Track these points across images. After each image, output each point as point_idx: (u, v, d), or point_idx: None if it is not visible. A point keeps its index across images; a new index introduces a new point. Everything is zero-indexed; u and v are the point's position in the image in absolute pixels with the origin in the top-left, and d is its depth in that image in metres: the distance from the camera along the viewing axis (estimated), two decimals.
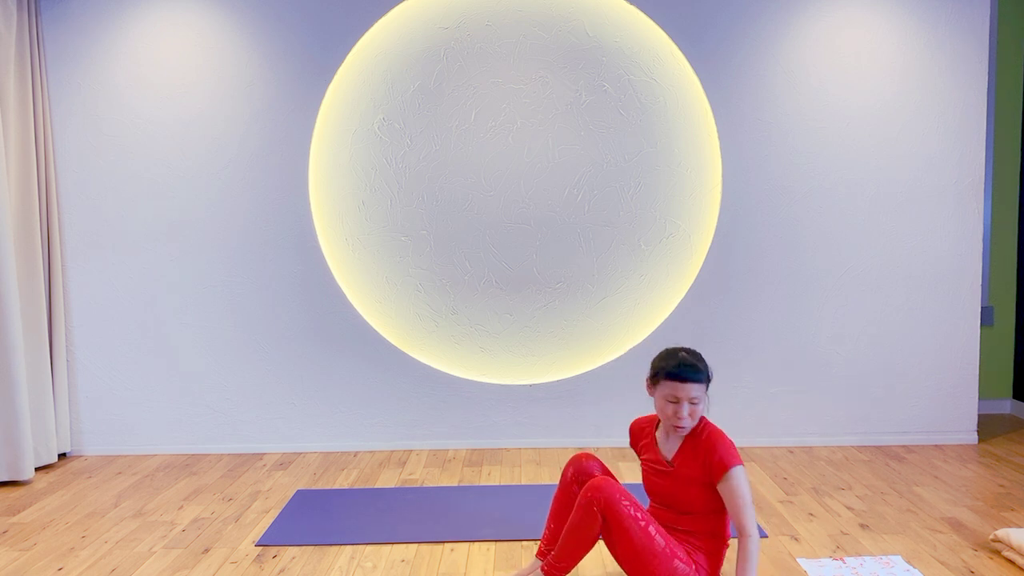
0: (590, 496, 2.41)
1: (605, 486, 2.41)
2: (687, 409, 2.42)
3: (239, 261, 4.36)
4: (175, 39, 4.28)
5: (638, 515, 2.40)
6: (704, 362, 2.48)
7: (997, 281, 5.02)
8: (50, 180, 4.24)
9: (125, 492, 3.81)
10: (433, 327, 4.45)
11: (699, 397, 2.43)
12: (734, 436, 4.39)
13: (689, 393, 2.42)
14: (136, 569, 2.95)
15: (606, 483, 2.42)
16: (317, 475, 4.03)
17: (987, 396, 5.05)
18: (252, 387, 4.41)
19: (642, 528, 2.39)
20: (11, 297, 3.87)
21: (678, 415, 2.43)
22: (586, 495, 2.42)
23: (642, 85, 4.33)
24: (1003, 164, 4.97)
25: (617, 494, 2.40)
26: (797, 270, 4.37)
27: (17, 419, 3.90)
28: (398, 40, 4.32)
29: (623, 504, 2.39)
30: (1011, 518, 3.35)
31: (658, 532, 2.41)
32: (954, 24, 4.28)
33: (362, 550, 3.08)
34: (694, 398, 2.42)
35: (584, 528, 2.42)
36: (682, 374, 2.42)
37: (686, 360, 2.44)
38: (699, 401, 2.43)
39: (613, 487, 2.41)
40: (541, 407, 4.44)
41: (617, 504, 2.39)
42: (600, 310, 4.43)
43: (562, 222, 4.38)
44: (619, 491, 2.41)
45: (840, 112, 4.31)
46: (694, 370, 2.43)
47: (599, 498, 2.39)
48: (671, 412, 2.44)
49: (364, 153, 4.36)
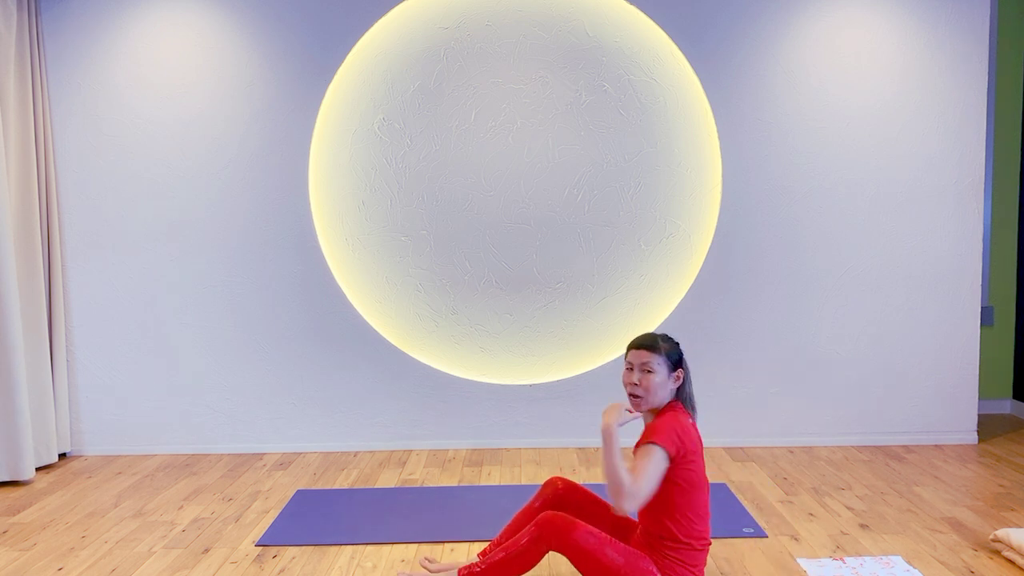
0: (540, 531, 2.48)
1: (554, 520, 2.48)
2: (637, 376, 2.53)
3: (239, 261, 4.36)
4: (175, 39, 4.28)
5: (591, 540, 2.46)
6: (669, 342, 2.57)
7: (997, 281, 5.02)
8: (50, 180, 4.24)
9: (125, 492, 3.81)
10: (433, 327, 4.45)
11: (651, 365, 2.52)
12: (734, 436, 4.42)
13: (640, 358, 2.53)
14: (136, 569, 2.95)
15: (556, 517, 2.49)
16: (317, 475, 4.03)
17: (987, 396, 5.05)
18: (252, 387, 4.41)
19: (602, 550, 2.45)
20: (11, 297, 3.87)
21: (630, 380, 2.55)
22: (537, 529, 2.48)
23: (642, 85, 4.33)
24: (1003, 164, 4.97)
25: (567, 526, 2.46)
26: (797, 270, 4.37)
27: (17, 419, 3.90)
28: (398, 40, 4.32)
29: (574, 536, 2.45)
30: (1011, 518, 3.35)
31: (616, 552, 2.46)
32: (954, 24, 4.28)
33: (362, 550, 3.09)
34: (645, 363, 2.52)
35: (526, 556, 2.49)
36: (637, 342, 2.58)
37: (646, 334, 2.60)
38: (652, 370, 2.51)
39: (562, 520, 2.48)
40: (541, 407, 4.44)
41: (568, 537, 2.45)
42: (600, 310, 4.43)
43: (562, 222, 4.38)
44: (569, 523, 2.47)
45: (840, 112, 4.31)
46: (649, 339, 2.56)
47: (548, 533, 2.46)
48: (625, 379, 2.57)
49: (364, 153, 4.36)
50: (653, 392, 2.52)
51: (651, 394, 2.52)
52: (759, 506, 3.52)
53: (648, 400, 2.53)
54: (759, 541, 3.14)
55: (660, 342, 2.55)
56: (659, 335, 2.58)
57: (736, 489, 3.74)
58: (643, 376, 2.53)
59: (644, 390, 2.52)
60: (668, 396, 2.55)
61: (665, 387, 2.53)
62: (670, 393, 2.55)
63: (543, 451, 4.40)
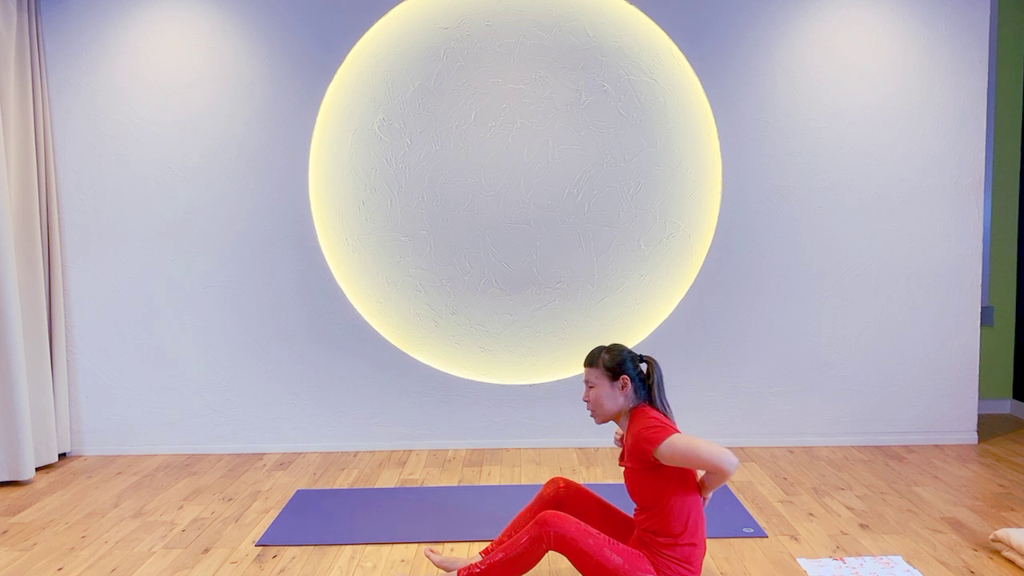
0: (540, 530, 2.48)
1: (553, 520, 2.49)
2: (585, 391, 2.64)
3: (239, 261, 4.36)
4: (175, 39, 4.28)
5: (590, 541, 2.46)
6: (611, 352, 2.60)
7: (997, 281, 5.02)
8: (50, 180, 4.24)
9: (125, 492, 3.81)
10: (433, 327, 4.45)
11: (591, 380, 2.60)
12: (734, 436, 4.43)
13: (584, 376, 2.65)
14: (136, 569, 2.95)
15: (555, 517, 2.50)
16: (317, 475, 4.03)
17: (987, 396, 5.05)
18: (252, 387, 4.41)
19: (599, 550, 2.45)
20: (11, 297, 3.87)
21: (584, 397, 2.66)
22: (536, 528, 2.49)
23: (642, 85, 4.33)
24: (1003, 164, 4.97)
25: (566, 526, 2.47)
26: (797, 270, 4.37)
27: (17, 419, 3.90)
28: (398, 40, 4.32)
29: (573, 536, 2.46)
30: (1011, 518, 3.35)
31: (615, 552, 2.46)
32: (954, 24, 4.28)
33: (362, 550, 3.09)
34: (587, 379, 2.63)
35: (526, 556, 2.49)
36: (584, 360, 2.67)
37: (593, 349, 2.67)
38: (593, 384, 2.60)
39: (562, 520, 2.49)
40: (541, 407, 4.44)
41: (566, 536, 2.46)
42: (600, 310, 4.43)
43: (562, 222, 4.38)
44: (568, 523, 2.48)
45: (840, 112, 4.31)
46: (589, 355, 2.65)
47: (548, 533, 2.47)
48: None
49: (364, 153, 4.36)
50: (600, 404, 2.59)
51: (599, 407, 2.60)
52: (759, 506, 3.52)
53: (600, 413, 2.61)
54: (759, 541, 3.14)
55: (599, 355, 2.61)
56: (604, 347, 2.63)
57: (736, 489, 3.74)
58: (588, 391, 2.62)
59: (592, 404, 2.61)
60: (626, 403, 2.59)
61: (613, 398, 2.58)
62: (627, 400, 2.58)
63: (543, 451, 4.40)
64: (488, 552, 2.70)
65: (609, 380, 2.57)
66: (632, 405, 2.59)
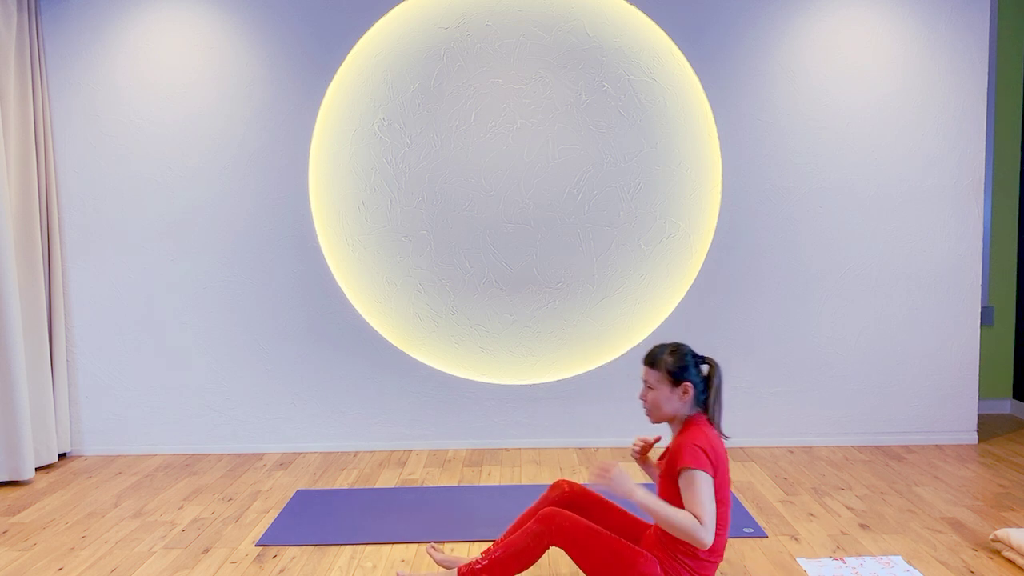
0: (541, 526, 2.47)
1: (555, 516, 2.47)
2: (643, 390, 2.53)
3: (239, 261, 4.36)
4: (175, 39, 4.28)
5: (592, 537, 2.44)
6: (675, 355, 2.48)
7: (997, 281, 5.02)
8: (50, 180, 4.24)
9: (125, 492, 3.81)
10: (433, 327, 4.45)
11: (651, 381, 2.50)
12: (734, 436, 4.42)
13: (643, 374, 2.53)
14: (136, 569, 2.95)
15: (557, 513, 2.48)
16: (317, 475, 4.03)
17: (987, 396, 5.05)
18: (252, 387, 4.41)
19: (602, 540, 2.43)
20: (11, 297, 3.87)
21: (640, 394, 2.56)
22: (538, 524, 2.48)
23: (642, 85, 4.33)
24: (1003, 164, 4.97)
25: (568, 520, 2.46)
26: (797, 270, 4.37)
27: (17, 419, 3.90)
28: (398, 40, 4.32)
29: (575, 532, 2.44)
30: (1011, 518, 3.35)
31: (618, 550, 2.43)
32: (954, 24, 4.28)
33: (362, 550, 3.08)
34: (645, 379, 2.52)
35: (527, 552, 2.48)
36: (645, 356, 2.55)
37: (655, 347, 2.55)
38: (652, 386, 2.49)
39: (564, 516, 2.47)
40: (541, 407, 4.44)
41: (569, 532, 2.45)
42: (600, 310, 4.43)
43: (562, 222, 4.38)
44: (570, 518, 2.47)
45: (840, 112, 4.31)
46: (650, 353, 2.53)
47: (549, 528, 2.46)
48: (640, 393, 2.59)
49: (364, 153, 4.36)
50: (658, 407, 2.49)
51: (657, 409, 2.49)
52: (759, 506, 3.52)
53: (656, 415, 2.50)
54: (759, 541, 3.14)
55: (661, 356, 2.48)
56: (666, 347, 2.50)
57: (736, 489, 3.74)
58: (646, 391, 2.51)
59: (649, 406, 2.51)
60: (685, 409, 2.48)
61: (671, 402, 2.47)
62: (686, 407, 2.47)
63: (543, 451, 4.39)
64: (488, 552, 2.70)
65: (670, 384, 2.45)
66: (690, 412, 2.48)
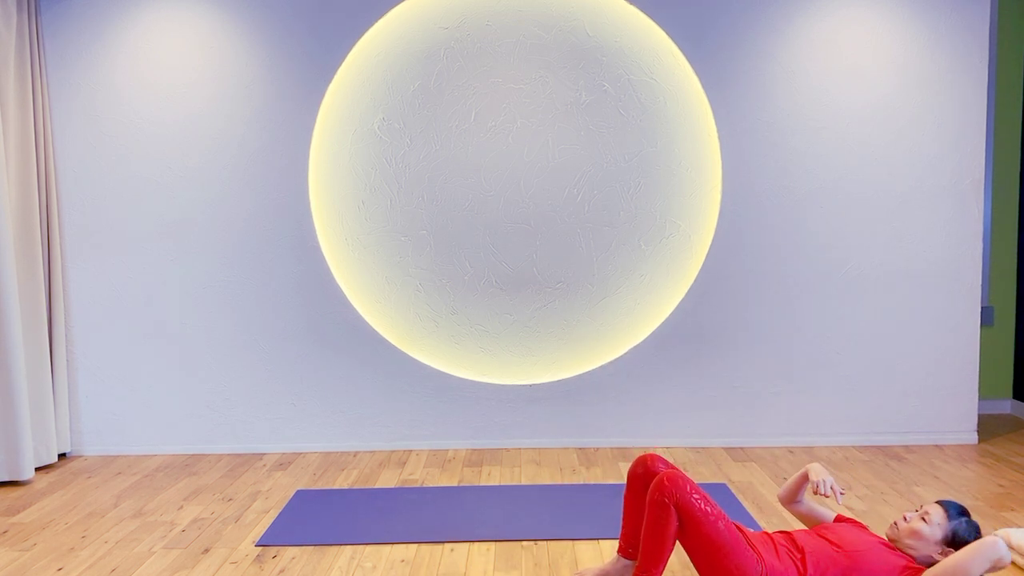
0: (661, 492, 2.38)
1: (675, 478, 2.39)
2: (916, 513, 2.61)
3: (239, 261, 4.36)
4: (175, 39, 4.28)
5: (708, 509, 2.37)
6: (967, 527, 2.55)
7: (997, 281, 5.02)
8: (50, 180, 4.24)
9: (125, 492, 3.81)
10: (433, 327, 4.45)
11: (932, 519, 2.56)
12: (734, 436, 4.42)
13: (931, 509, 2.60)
14: (136, 569, 2.95)
15: (675, 476, 2.40)
16: (317, 475, 4.03)
17: (987, 396, 5.05)
18: (252, 387, 4.41)
19: (712, 522, 2.36)
20: (11, 297, 3.87)
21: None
22: (656, 492, 2.39)
23: (642, 85, 4.33)
24: (1003, 164, 4.97)
25: (688, 488, 2.38)
26: (797, 270, 4.37)
27: (17, 419, 3.90)
28: (398, 40, 4.32)
29: (693, 498, 2.37)
30: (1011, 518, 3.35)
31: (728, 527, 2.38)
32: (954, 24, 4.28)
33: (362, 550, 3.08)
34: (929, 513, 2.58)
35: (662, 526, 2.39)
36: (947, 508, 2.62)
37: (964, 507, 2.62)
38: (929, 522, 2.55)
39: (683, 480, 2.39)
40: (541, 407, 4.44)
41: (687, 498, 2.37)
42: (600, 310, 4.43)
43: (562, 222, 4.38)
44: (689, 485, 2.39)
45: (840, 112, 4.31)
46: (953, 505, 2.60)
47: (671, 491, 2.37)
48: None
49: (364, 153, 4.36)
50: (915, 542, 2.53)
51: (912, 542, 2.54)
52: (759, 506, 3.52)
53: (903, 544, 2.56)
54: None
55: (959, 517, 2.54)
56: (966, 514, 2.56)
57: (736, 489, 3.74)
58: (917, 518, 2.56)
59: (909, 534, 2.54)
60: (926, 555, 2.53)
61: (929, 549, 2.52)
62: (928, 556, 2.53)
63: (543, 451, 4.39)
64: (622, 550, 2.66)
65: (943, 540, 2.50)
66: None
